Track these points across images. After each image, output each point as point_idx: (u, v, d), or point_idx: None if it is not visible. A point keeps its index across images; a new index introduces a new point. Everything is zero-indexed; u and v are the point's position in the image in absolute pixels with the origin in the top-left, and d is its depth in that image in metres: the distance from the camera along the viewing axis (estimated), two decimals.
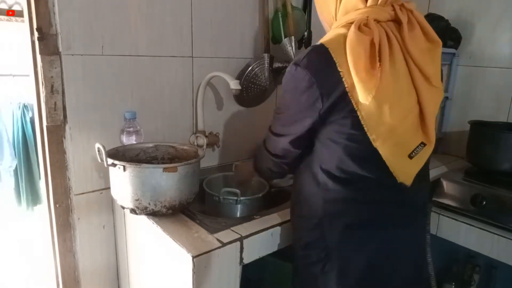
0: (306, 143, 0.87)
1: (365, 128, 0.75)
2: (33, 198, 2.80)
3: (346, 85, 0.74)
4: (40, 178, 2.73)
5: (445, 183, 1.39)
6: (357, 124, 0.76)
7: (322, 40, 0.78)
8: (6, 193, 2.79)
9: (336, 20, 0.85)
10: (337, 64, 0.74)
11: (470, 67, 1.71)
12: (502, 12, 1.59)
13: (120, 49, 1.17)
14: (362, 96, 0.73)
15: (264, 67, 1.44)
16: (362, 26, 0.75)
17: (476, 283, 1.55)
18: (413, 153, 0.78)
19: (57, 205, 1.16)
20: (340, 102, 0.76)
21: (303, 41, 1.59)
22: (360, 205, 0.83)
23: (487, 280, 1.56)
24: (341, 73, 0.74)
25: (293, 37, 1.46)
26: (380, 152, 0.77)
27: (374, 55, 0.73)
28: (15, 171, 2.70)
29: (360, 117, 0.75)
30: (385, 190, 0.83)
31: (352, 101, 0.75)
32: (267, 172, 1.00)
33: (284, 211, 1.09)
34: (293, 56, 1.48)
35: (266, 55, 1.44)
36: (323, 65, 0.76)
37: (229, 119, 1.51)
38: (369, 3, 0.78)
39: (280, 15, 1.47)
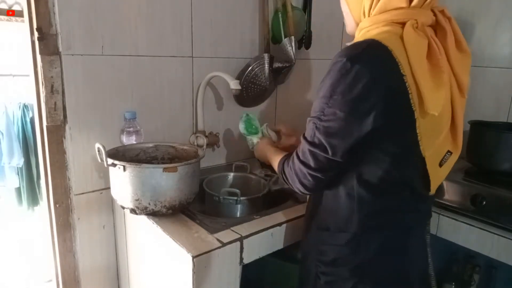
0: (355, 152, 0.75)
1: (419, 137, 0.71)
2: (33, 198, 2.80)
3: (410, 92, 0.68)
4: (40, 178, 2.74)
5: (445, 183, 1.38)
6: (413, 132, 0.71)
7: (373, 37, 0.70)
8: (6, 193, 2.79)
9: (367, 16, 0.76)
10: (399, 66, 0.67)
11: (470, 67, 1.71)
12: (502, 12, 1.59)
13: (120, 49, 1.17)
14: (432, 107, 0.67)
15: (264, 67, 1.44)
16: (416, 29, 0.70)
17: (476, 283, 1.54)
18: (443, 161, 0.78)
19: (57, 205, 1.16)
20: (400, 109, 0.69)
21: (303, 41, 1.59)
22: (395, 215, 0.81)
23: (487, 280, 1.56)
24: (405, 78, 0.67)
25: (293, 37, 1.46)
26: (427, 162, 0.75)
27: (434, 63, 0.70)
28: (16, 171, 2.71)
29: (417, 126, 0.70)
30: (416, 199, 0.82)
31: (414, 110, 0.69)
32: (300, 190, 0.84)
33: (284, 211, 1.09)
34: (293, 56, 1.48)
35: (266, 55, 1.44)
36: (385, 65, 0.68)
37: (229, 119, 1.51)
38: (413, 4, 0.72)
39: (280, 15, 1.47)
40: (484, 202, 1.26)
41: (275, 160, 0.95)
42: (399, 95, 0.69)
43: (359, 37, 0.77)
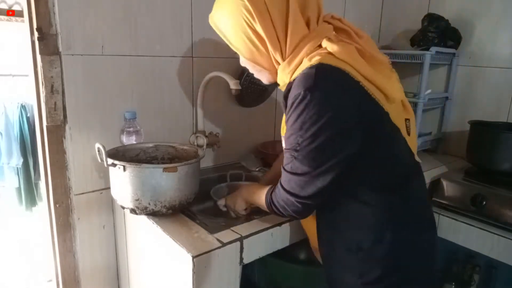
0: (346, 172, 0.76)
1: (396, 124, 0.77)
2: (31, 198, 2.80)
3: (371, 93, 0.72)
4: (36, 178, 2.74)
5: (445, 183, 1.39)
6: (391, 124, 0.76)
7: (312, 63, 0.72)
8: (7, 193, 2.79)
9: (285, 59, 0.78)
10: (351, 75, 0.71)
11: (470, 67, 1.71)
12: (502, 12, 1.59)
13: (120, 49, 1.17)
14: (395, 96, 0.75)
15: None
16: (335, 42, 0.74)
17: (476, 283, 1.55)
18: (408, 129, 0.83)
19: (57, 205, 1.16)
20: (373, 112, 0.73)
21: None
22: (413, 207, 0.83)
23: (487, 280, 1.56)
24: (360, 83, 0.71)
25: None
26: (407, 140, 0.80)
27: (369, 58, 0.75)
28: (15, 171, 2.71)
29: (391, 116, 0.75)
30: (419, 177, 0.87)
31: (382, 105, 0.74)
32: (292, 216, 0.83)
33: None
34: None
35: None
36: (342, 82, 0.71)
37: (229, 119, 1.51)
38: (311, 27, 0.77)
39: None
40: (484, 202, 1.26)
41: (260, 197, 0.91)
42: (365, 101, 0.72)
43: (288, 78, 0.78)
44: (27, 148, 2.68)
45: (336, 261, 0.87)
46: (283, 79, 0.81)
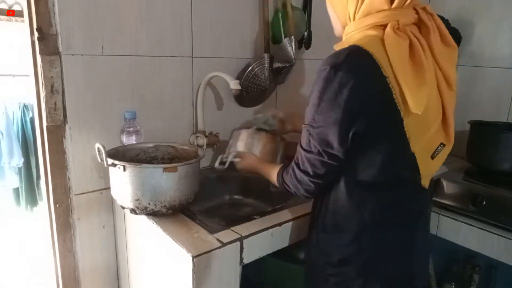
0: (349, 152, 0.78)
1: (408, 135, 0.74)
2: (32, 198, 2.80)
3: (393, 92, 0.70)
4: (39, 178, 2.74)
5: (445, 183, 1.39)
6: (401, 131, 0.74)
7: (356, 42, 0.73)
8: (6, 193, 2.80)
9: (352, 21, 0.79)
10: (381, 69, 0.70)
11: (470, 67, 1.71)
12: (502, 12, 1.59)
13: (120, 49, 1.17)
14: (415, 107, 0.70)
15: (264, 67, 1.44)
16: (397, 30, 0.72)
17: (476, 283, 1.55)
18: (435, 153, 0.80)
19: (57, 205, 1.16)
20: (387, 110, 0.72)
21: (303, 41, 1.59)
22: (395, 211, 0.83)
23: (487, 280, 1.56)
24: (387, 79, 0.70)
25: (293, 37, 1.46)
26: (416, 156, 0.77)
27: (417, 62, 0.72)
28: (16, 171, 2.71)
29: (405, 124, 0.73)
30: (412, 193, 0.84)
31: (400, 110, 0.71)
32: (304, 195, 0.87)
33: (284, 211, 1.09)
34: (293, 56, 1.48)
35: (266, 55, 1.44)
36: (367, 69, 0.71)
37: (229, 119, 1.51)
38: (394, 5, 0.74)
39: (280, 15, 1.47)
40: (484, 202, 1.26)
41: (273, 173, 0.96)
42: (383, 97, 0.71)
43: (344, 41, 0.80)
44: (29, 148, 2.68)
45: (310, 239, 0.93)
46: (343, 40, 0.81)
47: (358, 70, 0.71)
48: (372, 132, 0.74)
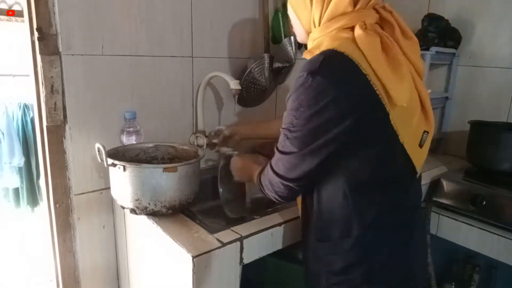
0: (332, 160, 0.77)
1: (395, 128, 0.75)
2: (33, 198, 2.80)
3: (376, 88, 0.71)
4: (39, 178, 2.74)
5: (445, 183, 1.39)
6: (388, 125, 0.74)
7: (328, 46, 0.74)
8: (6, 193, 2.80)
9: (318, 26, 0.80)
10: (360, 67, 0.70)
11: (470, 67, 1.71)
12: (502, 12, 1.59)
13: (120, 49, 1.17)
14: (399, 99, 0.71)
15: (264, 67, 1.44)
16: (365, 30, 0.73)
17: (476, 283, 1.55)
18: (422, 142, 0.82)
19: (57, 205, 1.16)
20: (371, 107, 0.72)
21: None
22: (393, 209, 0.82)
23: (487, 280, 1.56)
24: (367, 77, 0.71)
25: (293, 37, 1.46)
26: (406, 148, 0.78)
27: (391, 57, 0.73)
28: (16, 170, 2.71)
29: (391, 118, 0.73)
30: (405, 189, 0.84)
31: (384, 104, 0.72)
32: (275, 198, 0.86)
33: (284, 211, 1.09)
34: (293, 56, 1.48)
35: (266, 55, 1.44)
36: (346, 71, 0.71)
37: (229, 119, 1.51)
38: (358, 7, 0.76)
39: (280, 15, 1.47)
40: (484, 202, 1.26)
41: (255, 174, 0.94)
42: (366, 95, 0.72)
43: (312, 47, 0.80)
44: (29, 148, 2.69)
45: (307, 249, 0.91)
46: (309, 47, 0.82)
47: (336, 74, 0.71)
48: (360, 132, 0.74)
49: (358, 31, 0.73)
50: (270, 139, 1.35)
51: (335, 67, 0.72)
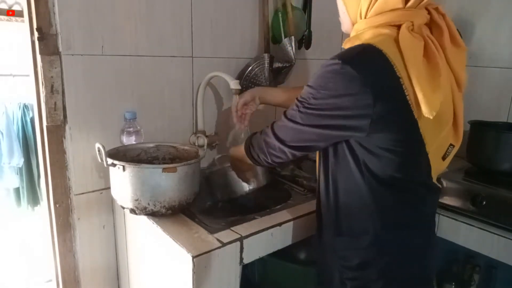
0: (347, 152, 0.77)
1: (423, 137, 0.73)
2: (34, 198, 2.80)
3: (407, 94, 0.69)
4: (40, 178, 2.74)
5: (445, 183, 1.38)
6: (417, 131, 0.72)
7: (368, 40, 0.71)
8: (6, 193, 2.79)
9: (364, 18, 0.77)
10: (395, 68, 0.68)
11: (470, 67, 1.71)
12: (502, 12, 1.59)
13: (120, 49, 1.17)
14: (428, 112, 0.68)
15: (264, 67, 1.44)
16: (411, 31, 0.71)
17: (476, 283, 1.55)
18: (446, 154, 0.81)
19: (57, 205, 1.16)
20: (399, 110, 0.70)
21: (303, 41, 1.59)
22: (412, 212, 0.82)
23: (487, 280, 1.56)
24: (401, 80, 0.68)
25: (293, 37, 1.46)
26: (430, 157, 0.77)
27: (432, 64, 0.71)
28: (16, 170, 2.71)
29: (420, 125, 0.72)
30: (426, 195, 0.83)
31: (413, 111, 0.70)
32: (265, 160, 0.88)
33: (284, 211, 1.09)
34: (293, 56, 1.48)
35: (266, 55, 1.44)
36: (379, 68, 0.69)
37: (229, 119, 1.51)
38: (409, 5, 0.73)
39: (280, 15, 1.47)
40: (484, 202, 1.26)
41: (252, 140, 0.92)
42: (395, 97, 0.70)
43: (353, 36, 0.78)
44: (29, 148, 2.68)
45: (321, 243, 0.90)
46: (351, 37, 0.80)
47: (367, 70, 0.69)
48: (381, 133, 0.72)
49: (403, 31, 0.70)
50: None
51: (369, 62, 0.70)
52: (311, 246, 1.01)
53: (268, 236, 0.99)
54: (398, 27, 0.72)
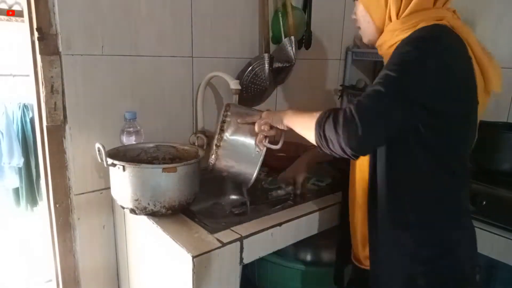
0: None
1: (478, 114, 0.77)
2: (32, 198, 2.80)
3: (475, 74, 0.73)
4: (39, 178, 2.74)
5: None
6: (474, 116, 0.77)
7: (434, 22, 0.75)
8: (6, 193, 2.79)
9: (395, 19, 0.79)
10: (468, 49, 0.73)
11: None
12: (502, 12, 1.59)
13: (120, 49, 1.17)
14: (495, 85, 0.75)
15: (264, 67, 1.44)
16: (457, 20, 0.77)
17: None
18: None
19: (57, 205, 1.16)
20: (472, 91, 0.74)
21: (303, 41, 1.59)
22: (467, 201, 0.85)
23: (487, 280, 1.56)
24: (471, 60, 0.73)
25: (293, 37, 1.46)
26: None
27: (482, 46, 0.77)
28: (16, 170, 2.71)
29: (477, 108, 0.76)
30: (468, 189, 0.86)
31: (477, 97, 0.74)
32: (347, 145, 0.71)
33: (284, 211, 1.09)
34: (293, 56, 1.48)
35: (266, 55, 1.44)
36: (461, 46, 0.73)
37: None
38: (436, 5, 0.78)
39: (280, 15, 1.47)
40: (484, 202, 1.26)
41: (310, 117, 0.80)
42: (470, 76, 0.74)
43: (392, 38, 0.80)
44: (29, 148, 2.68)
45: (386, 240, 0.84)
46: (386, 39, 0.82)
47: (456, 44, 0.72)
48: (458, 114, 0.74)
49: (452, 19, 0.76)
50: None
51: (454, 38, 0.73)
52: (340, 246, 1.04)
53: (268, 236, 0.99)
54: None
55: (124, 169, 0.95)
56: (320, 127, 0.75)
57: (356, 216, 0.94)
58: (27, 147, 2.68)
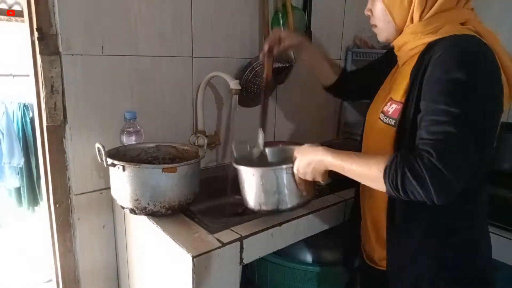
0: None
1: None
2: (33, 198, 2.80)
3: (502, 83, 0.72)
4: (40, 178, 2.74)
5: None
6: (497, 124, 0.76)
7: (465, 33, 0.72)
8: (7, 193, 2.80)
9: (416, 20, 0.78)
10: (496, 58, 0.72)
11: None
12: (502, 12, 1.59)
13: (120, 49, 1.17)
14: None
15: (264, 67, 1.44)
16: (481, 24, 0.76)
17: None
18: None
19: (57, 205, 1.16)
20: (501, 100, 0.73)
21: None
22: (486, 203, 0.84)
23: None
24: (500, 70, 0.72)
25: None
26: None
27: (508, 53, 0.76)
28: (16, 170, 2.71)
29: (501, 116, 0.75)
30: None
31: (502, 103, 0.73)
32: (435, 198, 0.65)
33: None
34: (293, 56, 1.48)
35: None
36: (494, 55, 0.71)
37: (229, 119, 1.51)
38: (458, 5, 0.78)
39: (280, 15, 1.47)
40: None
41: (369, 161, 0.73)
42: (499, 88, 0.72)
43: (414, 41, 0.79)
44: (29, 148, 2.68)
45: (409, 245, 0.82)
46: (407, 41, 0.80)
47: (494, 58, 0.70)
48: (494, 126, 0.75)
49: (478, 24, 0.76)
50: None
51: (489, 54, 0.71)
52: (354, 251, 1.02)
53: (268, 236, 0.99)
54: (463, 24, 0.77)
55: (124, 169, 0.95)
56: (393, 182, 0.67)
57: (373, 217, 0.92)
58: (27, 147, 2.68)
